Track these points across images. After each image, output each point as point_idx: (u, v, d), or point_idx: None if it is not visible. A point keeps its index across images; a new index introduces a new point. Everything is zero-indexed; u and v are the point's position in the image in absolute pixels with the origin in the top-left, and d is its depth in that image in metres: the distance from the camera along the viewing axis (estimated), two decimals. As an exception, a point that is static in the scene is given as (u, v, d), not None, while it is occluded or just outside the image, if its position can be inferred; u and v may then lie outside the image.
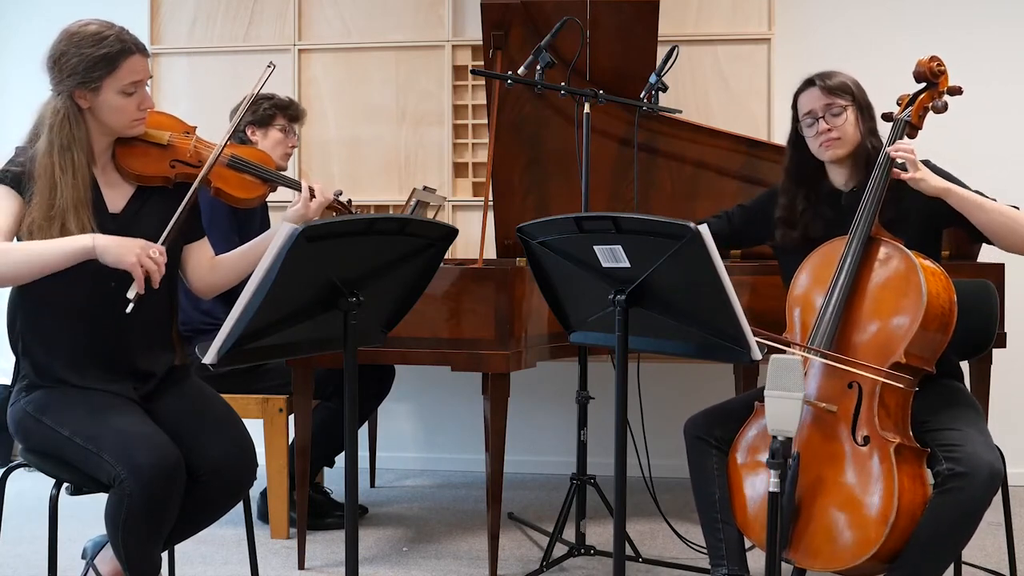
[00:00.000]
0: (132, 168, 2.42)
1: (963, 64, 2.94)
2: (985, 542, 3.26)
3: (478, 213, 3.82)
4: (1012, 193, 3.91)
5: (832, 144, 2.62)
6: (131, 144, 2.44)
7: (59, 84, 2.33)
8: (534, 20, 3.53)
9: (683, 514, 3.58)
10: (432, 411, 4.62)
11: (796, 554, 2.33)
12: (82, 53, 2.29)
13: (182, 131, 2.54)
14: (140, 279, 2.21)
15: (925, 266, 2.38)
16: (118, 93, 2.33)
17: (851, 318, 2.43)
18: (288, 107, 3.71)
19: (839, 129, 2.61)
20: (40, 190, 2.28)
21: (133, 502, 2.16)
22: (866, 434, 2.31)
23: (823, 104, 2.62)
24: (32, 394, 2.36)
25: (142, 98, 2.38)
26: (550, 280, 2.23)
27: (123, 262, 2.21)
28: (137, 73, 2.35)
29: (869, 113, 2.66)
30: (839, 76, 2.67)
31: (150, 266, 2.22)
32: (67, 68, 2.30)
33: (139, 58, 2.35)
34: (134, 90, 2.35)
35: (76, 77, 2.30)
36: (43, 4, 4.75)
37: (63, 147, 2.31)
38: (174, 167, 2.45)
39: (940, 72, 2.62)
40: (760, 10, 4.32)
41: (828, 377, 2.42)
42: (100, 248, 2.22)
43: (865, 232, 2.46)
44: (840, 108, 2.62)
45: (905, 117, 2.60)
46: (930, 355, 2.41)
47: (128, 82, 2.33)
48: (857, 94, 2.65)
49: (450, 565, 3.25)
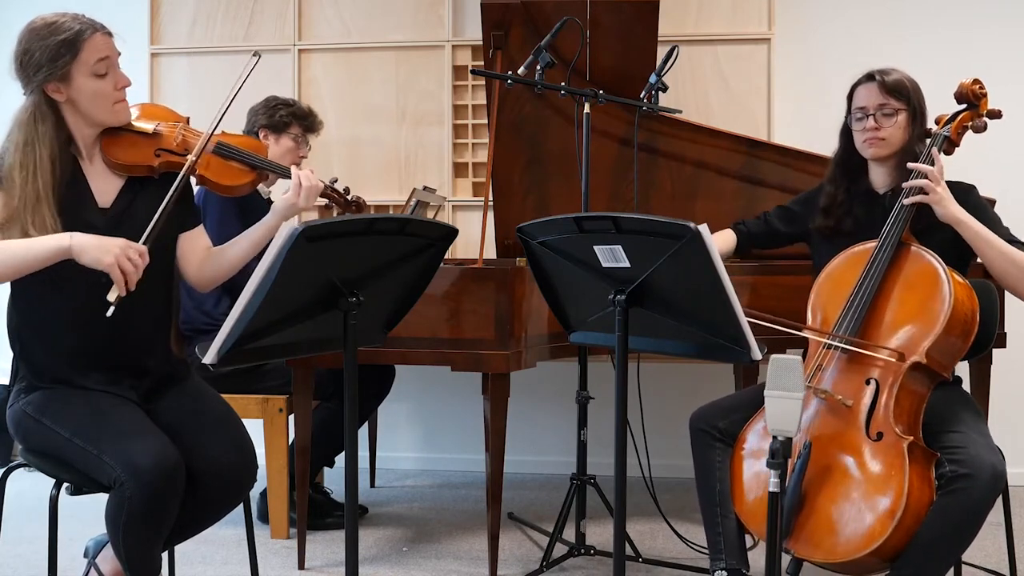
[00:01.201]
0: (116, 157, 2.38)
1: (963, 64, 2.94)
2: (985, 542, 3.26)
3: (478, 213, 3.82)
4: (1012, 193, 3.92)
5: (876, 143, 2.63)
6: (118, 134, 2.40)
7: (29, 83, 2.30)
8: (534, 20, 3.52)
9: (683, 514, 3.58)
10: (432, 411, 4.62)
11: (796, 544, 2.34)
12: (42, 44, 2.26)
13: (172, 120, 2.50)
14: (120, 281, 2.17)
15: (952, 274, 2.43)
16: (89, 76, 2.29)
17: (875, 316, 2.46)
18: (306, 117, 3.70)
19: (887, 130, 2.62)
20: (6, 189, 2.25)
21: (133, 504, 2.16)
22: (880, 430, 2.33)
23: (877, 103, 2.62)
24: (31, 395, 2.35)
25: (116, 78, 2.34)
26: (550, 280, 2.23)
27: (101, 263, 2.17)
28: (101, 51, 2.30)
29: (922, 119, 2.66)
30: (899, 75, 2.65)
31: (127, 267, 2.17)
32: (32, 64, 2.27)
33: (101, 36, 2.31)
34: (105, 70, 2.31)
35: (43, 70, 2.26)
36: (43, 5, 4.75)
37: (25, 143, 2.27)
38: (159, 156, 2.41)
39: (981, 95, 2.67)
40: (760, 10, 4.32)
41: (846, 371, 2.44)
42: (77, 248, 2.18)
43: (896, 236, 2.50)
44: (892, 110, 2.62)
45: (945, 132, 2.63)
46: (948, 361, 2.45)
47: (95, 61, 2.29)
48: (914, 97, 2.63)
49: (450, 565, 3.25)
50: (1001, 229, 2.59)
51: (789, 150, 3.73)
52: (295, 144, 3.67)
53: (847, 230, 2.67)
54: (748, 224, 2.98)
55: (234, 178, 2.52)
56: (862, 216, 2.67)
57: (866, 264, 2.50)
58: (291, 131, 3.65)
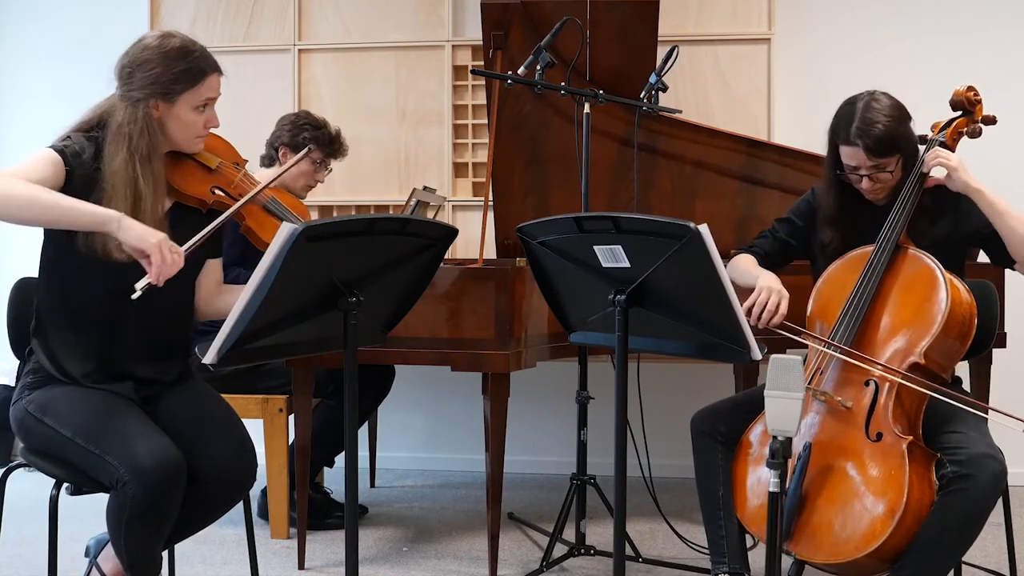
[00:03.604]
0: (174, 183, 2.41)
1: (963, 64, 2.95)
2: (985, 542, 3.26)
3: (478, 213, 3.82)
4: (1012, 195, 3.92)
5: (875, 192, 2.59)
6: (181, 160, 2.44)
7: (133, 91, 2.31)
8: (534, 20, 3.52)
9: (683, 514, 3.58)
10: (432, 411, 4.62)
11: (798, 546, 2.34)
12: (169, 63, 2.31)
13: (232, 161, 2.55)
14: (156, 267, 2.17)
15: (949, 275, 2.42)
16: (192, 108, 2.35)
17: (873, 318, 2.46)
18: (330, 143, 3.66)
19: (883, 181, 2.57)
20: (124, 198, 2.26)
21: (136, 503, 2.16)
22: (880, 431, 2.33)
23: (869, 165, 2.54)
24: (34, 393, 2.35)
25: (210, 116, 2.40)
26: (550, 280, 2.23)
27: (144, 242, 2.16)
28: (214, 91, 2.38)
29: (913, 149, 2.58)
30: (883, 128, 2.48)
31: (167, 257, 2.18)
32: (148, 76, 2.30)
33: (217, 77, 2.39)
34: (206, 107, 2.38)
35: (157, 87, 2.30)
36: (43, 4, 4.76)
37: (144, 158, 2.30)
38: (214, 193, 2.45)
39: (976, 101, 2.66)
40: (760, 10, 4.32)
41: (845, 372, 2.44)
42: (126, 225, 2.18)
43: (893, 240, 2.49)
44: (884, 166, 2.54)
45: (940, 139, 2.62)
46: (947, 362, 2.45)
47: (204, 99, 2.36)
48: (903, 144, 2.52)
49: (450, 565, 3.25)
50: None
51: (789, 150, 3.73)
52: (313, 168, 3.63)
53: (852, 242, 2.63)
54: (759, 244, 2.84)
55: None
56: (866, 225, 2.65)
57: (864, 268, 2.50)
58: (311, 154, 3.58)
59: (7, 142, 4.74)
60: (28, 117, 4.69)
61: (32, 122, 4.34)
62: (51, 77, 4.73)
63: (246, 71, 4.58)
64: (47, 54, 4.77)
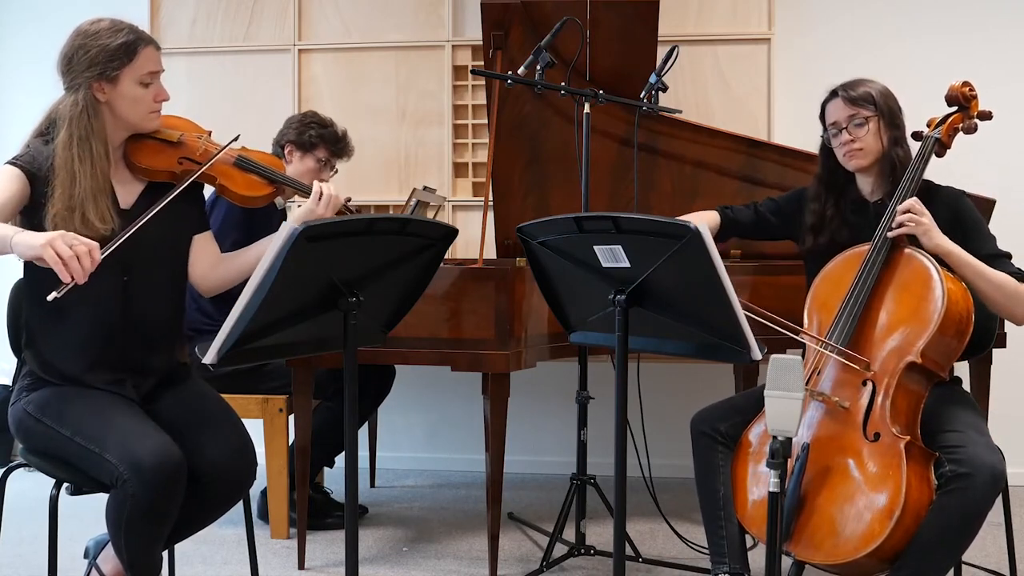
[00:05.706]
0: (141, 162, 2.44)
1: (963, 63, 2.95)
2: (985, 542, 3.26)
3: (478, 213, 3.82)
4: (1012, 194, 3.92)
5: (855, 155, 2.63)
6: (143, 140, 2.47)
7: (75, 79, 2.36)
8: (534, 20, 3.52)
9: (683, 514, 3.58)
10: (432, 411, 4.61)
11: (797, 547, 2.34)
12: (100, 44, 2.34)
13: (195, 132, 2.57)
14: (55, 265, 2.02)
15: (945, 273, 2.42)
16: (136, 83, 2.38)
17: (870, 317, 2.46)
18: (336, 142, 3.66)
19: (862, 140, 2.62)
20: (61, 182, 2.29)
21: (136, 503, 2.16)
22: (877, 431, 2.33)
23: (846, 115, 2.62)
24: (32, 394, 2.36)
25: (158, 90, 2.43)
26: (550, 280, 2.23)
27: (32, 249, 2.03)
28: (153, 63, 2.41)
29: (895, 122, 2.65)
30: (863, 86, 2.65)
31: (63, 251, 2.02)
32: (84, 61, 2.34)
33: (154, 49, 2.42)
34: (151, 80, 2.41)
35: (95, 68, 2.34)
36: (43, 5, 4.75)
37: (82, 138, 2.33)
38: (181, 163, 2.47)
39: (972, 97, 2.68)
40: (760, 10, 4.32)
41: (843, 373, 2.44)
42: (16, 240, 2.07)
43: (888, 239, 2.49)
44: (863, 119, 2.62)
45: (935, 135, 2.64)
46: (944, 361, 2.45)
47: (145, 71, 2.39)
48: (881, 104, 2.63)
49: (450, 565, 3.25)
50: (988, 241, 2.58)
51: (789, 150, 3.73)
52: (317, 166, 3.62)
53: (844, 241, 2.65)
54: (735, 211, 2.92)
55: (253, 189, 2.59)
56: (859, 224, 2.66)
57: (859, 266, 2.50)
58: (317, 152, 3.60)
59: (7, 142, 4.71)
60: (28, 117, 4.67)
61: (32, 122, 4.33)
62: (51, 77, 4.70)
63: (246, 71, 4.58)
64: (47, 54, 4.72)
